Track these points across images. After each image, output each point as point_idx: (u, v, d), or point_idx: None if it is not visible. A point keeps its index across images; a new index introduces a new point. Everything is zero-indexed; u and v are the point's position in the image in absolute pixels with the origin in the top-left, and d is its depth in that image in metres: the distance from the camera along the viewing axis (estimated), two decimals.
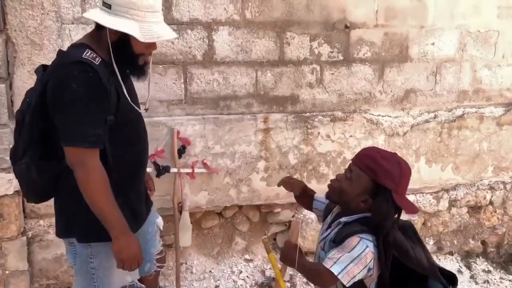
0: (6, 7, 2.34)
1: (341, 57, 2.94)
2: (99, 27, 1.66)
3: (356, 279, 1.54)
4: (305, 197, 1.92)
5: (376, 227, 1.56)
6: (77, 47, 1.66)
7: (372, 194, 1.57)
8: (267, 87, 2.85)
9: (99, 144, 1.60)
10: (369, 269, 1.56)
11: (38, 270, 2.63)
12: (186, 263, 2.96)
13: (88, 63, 1.56)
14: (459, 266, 3.29)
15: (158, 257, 2.10)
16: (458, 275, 3.12)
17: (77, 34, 2.46)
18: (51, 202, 2.29)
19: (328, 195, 1.71)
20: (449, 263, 3.30)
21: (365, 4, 2.89)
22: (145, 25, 1.60)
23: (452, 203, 3.36)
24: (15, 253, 2.48)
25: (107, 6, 1.59)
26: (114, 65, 1.64)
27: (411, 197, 3.27)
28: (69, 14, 2.45)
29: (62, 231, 1.80)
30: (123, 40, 1.63)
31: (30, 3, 2.36)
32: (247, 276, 2.93)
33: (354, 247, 1.54)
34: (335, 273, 1.51)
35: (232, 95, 2.81)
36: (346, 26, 2.90)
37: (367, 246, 1.54)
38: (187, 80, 2.72)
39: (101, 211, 1.62)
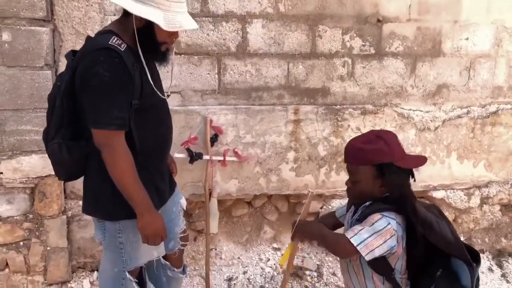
0: None
1: (372, 51, 2.96)
2: (126, 14, 1.73)
3: (376, 254, 1.58)
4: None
5: (399, 202, 1.61)
6: (104, 33, 1.73)
7: (381, 174, 1.63)
8: (299, 79, 2.91)
9: (124, 127, 1.68)
10: (389, 247, 1.59)
11: (76, 248, 2.78)
12: (215, 249, 3.04)
13: (114, 49, 1.64)
14: (490, 264, 3.24)
15: (182, 235, 2.18)
16: (488, 274, 3.12)
17: None
18: None
19: (352, 203, 1.78)
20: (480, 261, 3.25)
21: None
22: (169, 14, 1.67)
23: (484, 201, 3.31)
24: (56, 230, 2.62)
25: None
26: (139, 51, 1.72)
27: (441, 193, 3.25)
28: (111, 6, 2.57)
29: (91, 209, 1.90)
30: (147, 27, 1.70)
31: None
32: (274, 264, 2.99)
33: (376, 221, 1.59)
34: (355, 244, 1.56)
35: (264, 86, 2.88)
36: (379, 20, 2.92)
37: (389, 223, 1.59)
38: (221, 71, 2.81)
39: (126, 189, 1.70)
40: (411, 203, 1.62)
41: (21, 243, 2.61)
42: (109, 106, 1.64)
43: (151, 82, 1.77)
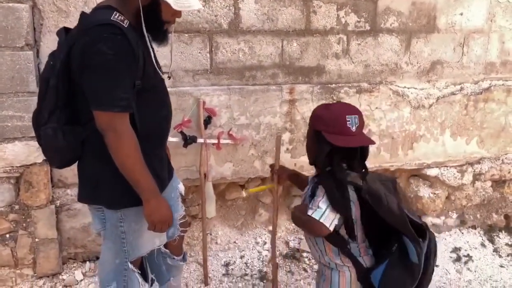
0: None
1: (368, 27, 2.88)
2: None
3: (336, 222, 1.64)
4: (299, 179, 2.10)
5: (324, 175, 1.69)
6: (103, 9, 1.61)
7: (317, 140, 1.69)
8: (293, 57, 2.81)
9: (129, 109, 1.58)
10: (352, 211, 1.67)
11: (66, 238, 2.65)
12: (211, 234, 2.97)
13: (117, 26, 1.52)
14: (482, 240, 3.27)
15: (181, 221, 2.08)
16: (481, 249, 3.14)
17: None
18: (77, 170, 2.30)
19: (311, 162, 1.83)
20: (472, 237, 3.29)
21: None
22: None
23: (476, 177, 3.33)
24: (45, 221, 2.49)
25: None
26: (144, 29, 1.62)
27: (435, 170, 3.25)
28: None
29: (89, 198, 1.78)
30: (153, 5, 1.61)
31: None
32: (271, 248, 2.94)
33: (322, 197, 1.64)
34: (317, 219, 1.61)
35: (258, 65, 2.77)
36: None
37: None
38: (213, 49, 2.68)
39: (132, 174, 1.60)
40: (337, 179, 1.66)
41: (7, 235, 2.47)
42: (113, 87, 1.52)
43: (154, 62, 1.67)
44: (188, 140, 2.58)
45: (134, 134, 1.60)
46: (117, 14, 1.55)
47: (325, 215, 1.62)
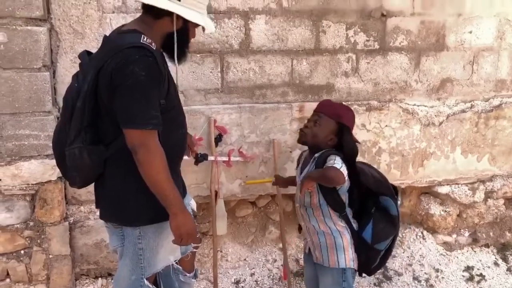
0: None
1: (377, 46, 2.92)
2: (157, 17, 1.69)
3: (347, 177, 2.01)
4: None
5: (348, 156, 2.07)
6: (130, 33, 1.68)
7: (337, 133, 2.12)
8: (303, 76, 2.85)
9: (160, 126, 1.65)
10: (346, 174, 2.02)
11: (79, 255, 2.69)
12: (221, 251, 2.98)
13: (147, 48, 1.60)
14: (495, 258, 3.23)
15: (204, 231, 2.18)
16: (494, 268, 3.11)
17: (118, 23, 2.48)
18: (90, 187, 2.35)
19: (301, 140, 2.20)
20: (485, 256, 3.25)
21: None
22: (204, 17, 1.75)
23: (489, 195, 3.31)
24: (58, 238, 2.53)
25: None
26: (175, 51, 1.72)
27: (446, 188, 3.24)
28: (109, 3, 2.48)
29: (110, 215, 1.84)
30: (184, 29, 1.73)
31: None
32: (281, 265, 2.94)
33: (335, 158, 2.01)
34: (338, 168, 1.95)
35: (268, 84, 2.81)
36: (383, 15, 2.87)
37: (341, 160, 2.02)
38: (224, 69, 2.73)
39: (162, 190, 1.65)
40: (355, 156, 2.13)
41: (22, 251, 2.52)
42: (145, 106, 1.60)
43: (176, 83, 1.79)
44: (199, 158, 2.61)
45: (163, 151, 1.66)
46: (146, 38, 1.63)
47: (342, 168, 1.96)
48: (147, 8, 1.71)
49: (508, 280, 3.05)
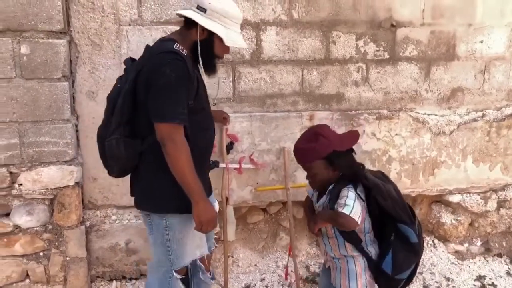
0: (70, 10, 2.51)
1: (387, 56, 2.96)
2: (188, 27, 1.94)
3: (360, 218, 1.92)
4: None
5: (353, 175, 1.97)
6: (167, 41, 1.93)
7: (330, 162, 1.98)
8: (313, 85, 2.91)
9: (186, 121, 1.83)
10: (363, 207, 1.95)
11: (95, 258, 2.79)
12: (232, 257, 3.04)
13: (178, 53, 1.83)
14: (508, 268, 3.21)
15: (216, 237, 2.36)
16: (507, 278, 3.10)
17: (134, 35, 2.60)
18: (106, 192, 2.44)
19: (317, 191, 2.14)
20: (498, 265, 3.23)
21: (411, 3, 2.90)
22: (230, 32, 1.93)
23: (501, 204, 3.29)
24: (75, 241, 2.63)
25: (202, 10, 1.90)
26: (200, 58, 1.91)
27: (457, 197, 3.24)
28: (126, 16, 2.59)
29: (140, 203, 2.02)
30: (208, 40, 1.93)
31: (91, 6, 2.53)
32: (291, 271, 2.97)
33: (347, 193, 1.93)
34: (347, 213, 1.87)
35: (278, 93, 2.88)
36: (392, 25, 2.91)
37: (355, 194, 1.93)
38: (236, 78, 2.81)
39: (186, 179, 1.82)
40: (361, 174, 1.98)
41: (41, 253, 2.62)
42: (174, 103, 1.80)
43: (205, 86, 2.00)
44: (211, 165, 2.68)
45: (188, 145, 1.83)
46: (178, 45, 1.85)
47: (353, 210, 1.88)
48: (184, 21, 1.97)
49: None
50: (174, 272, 2.01)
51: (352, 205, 1.89)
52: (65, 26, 2.47)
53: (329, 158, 1.96)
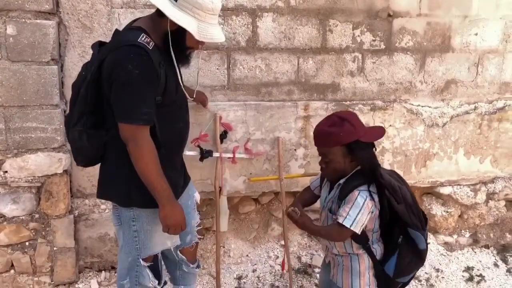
0: None
1: (383, 46, 2.93)
2: (160, 14, 1.75)
3: (364, 225, 1.83)
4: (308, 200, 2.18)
5: (369, 172, 1.84)
6: (133, 30, 1.77)
7: (350, 152, 1.84)
8: (309, 74, 2.86)
9: (150, 122, 1.73)
10: (372, 213, 1.85)
11: (83, 248, 2.71)
12: (223, 247, 3.00)
13: (142, 47, 1.68)
14: (495, 259, 3.26)
15: (198, 228, 2.27)
16: (494, 269, 3.14)
17: (126, 18, 2.50)
18: (95, 181, 2.36)
19: (328, 179, 2.01)
20: (485, 256, 3.27)
21: None
22: (203, 24, 1.76)
23: (490, 196, 3.33)
24: (63, 230, 2.55)
25: None
26: (171, 51, 1.78)
27: (448, 189, 3.26)
28: None
29: (102, 193, 1.96)
30: (180, 32, 1.76)
31: None
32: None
33: (356, 199, 1.80)
34: (348, 226, 1.78)
35: (274, 82, 2.82)
36: (389, 15, 2.88)
37: (366, 197, 1.81)
38: (230, 66, 2.74)
39: (150, 181, 1.75)
40: (379, 171, 1.85)
41: (27, 243, 2.54)
42: (138, 102, 1.69)
43: (180, 80, 1.86)
44: (204, 154, 2.64)
45: (153, 145, 1.75)
46: (144, 36, 1.71)
47: (355, 221, 1.78)
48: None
49: (508, 281, 3.07)
50: (141, 260, 1.97)
51: (355, 216, 1.78)
52: (54, 6, 2.36)
53: (350, 147, 1.83)
